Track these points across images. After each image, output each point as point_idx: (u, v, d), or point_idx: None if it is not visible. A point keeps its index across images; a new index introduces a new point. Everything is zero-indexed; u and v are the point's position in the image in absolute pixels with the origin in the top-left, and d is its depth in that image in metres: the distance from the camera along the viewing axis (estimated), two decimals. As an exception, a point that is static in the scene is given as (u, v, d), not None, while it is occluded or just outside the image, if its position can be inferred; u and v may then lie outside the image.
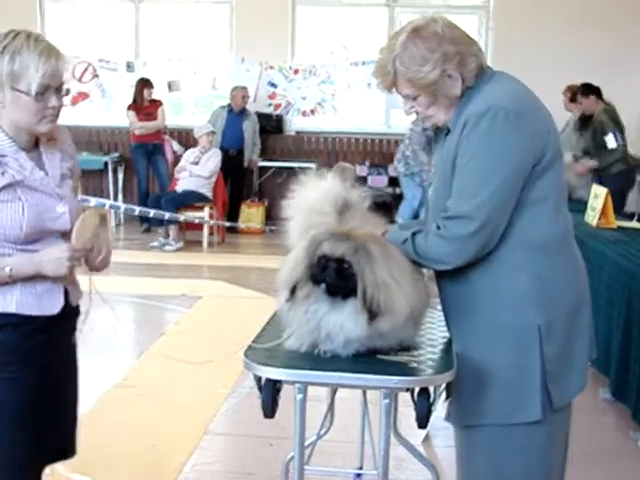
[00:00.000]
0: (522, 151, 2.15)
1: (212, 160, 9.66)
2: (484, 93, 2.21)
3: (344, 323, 2.10)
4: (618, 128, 7.96)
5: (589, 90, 8.08)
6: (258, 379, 2.18)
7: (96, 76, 11.31)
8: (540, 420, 2.23)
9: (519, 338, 2.23)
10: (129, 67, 11.27)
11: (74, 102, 11.33)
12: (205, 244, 9.64)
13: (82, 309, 2.79)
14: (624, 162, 8.18)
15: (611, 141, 7.81)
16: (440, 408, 3.34)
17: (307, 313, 2.14)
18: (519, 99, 2.21)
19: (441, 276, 2.36)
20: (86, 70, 11.29)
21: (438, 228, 2.18)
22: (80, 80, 11.29)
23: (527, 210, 2.20)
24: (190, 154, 9.80)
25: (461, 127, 2.18)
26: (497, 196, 2.13)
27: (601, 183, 6.58)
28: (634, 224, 6.30)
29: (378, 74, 2.31)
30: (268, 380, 2.14)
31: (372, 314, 2.08)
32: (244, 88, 10.55)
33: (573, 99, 8.33)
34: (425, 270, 3.74)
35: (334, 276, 2.09)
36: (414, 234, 2.23)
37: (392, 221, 2.57)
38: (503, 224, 2.17)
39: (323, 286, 2.10)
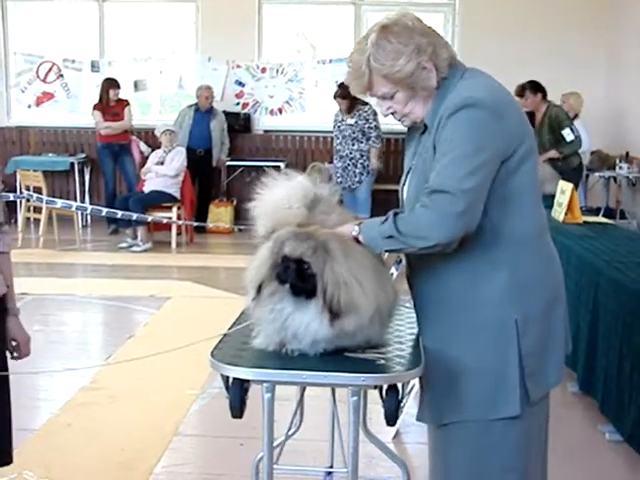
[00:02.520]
0: (496, 141, 2.13)
1: (177, 158, 9.62)
2: (458, 89, 2.20)
3: (309, 323, 2.10)
4: (571, 122, 8.15)
5: (538, 88, 8.14)
6: (226, 379, 2.17)
7: (61, 76, 11.21)
8: (518, 415, 2.23)
9: (497, 334, 2.22)
10: (94, 67, 11.18)
11: (39, 102, 11.24)
12: (174, 244, 9.58)
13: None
14: (579, 156, 8.33)
15: (569, 134, 7.96)
16: (410, 404, 3.35)
17: (273, 312, 2.13)
18: (493, 93, 2.20)
19: (415, 273, 2.35)
20: (50, 70, 11.19)
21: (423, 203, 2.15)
22: (44, 80, 11.19)
23: (505, 205, 2.19)
24: (155, 156, 9.79)
25: (437, 122, 2.18)
26: (477, 177, 2.09)
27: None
28: (600, 219, 6.37)
29: (352, 77, 2.28)
30: (235, 380, 2.13)
31: (333, 313, 2.07)
32: (208, 88, 10.49)
33: (520, 94, 8.33)
34: (394, 269, 3.72)
35: (294, 277, 2.08)
36: (396, 213, 2.18)
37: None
38: (481, 207, 2.13)
39: (287, 286, 2.09)
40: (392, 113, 2.30)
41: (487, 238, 2.19)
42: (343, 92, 9.56)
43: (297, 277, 2.08)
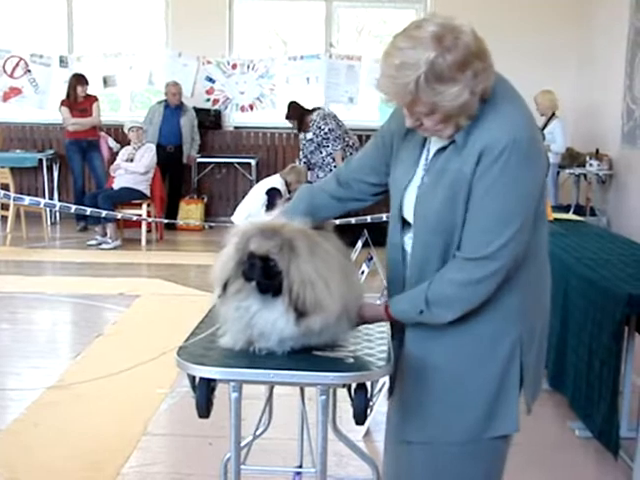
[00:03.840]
0: (542, 177, 2.06)
1: (146, 155, 9.55)
2: (500, 116, 2.02)
3: (276, 321, 2.06)
4: None
5: None
6: (192, 378, 2.13)
7: (28, 71, 11.03)
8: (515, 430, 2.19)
9: (502, 351, 2.14)
10: (62, 62, 11.03)
11: (6, 98, 11.07)
12: (143, 242, 9.51)
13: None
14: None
15: None
16: (380, 403, 3.32)
17: (239, 310, 2.09)
18: (531, 120, 2.08)
19: (415, 281, 2.21)
20: (17, 65, 11.02)
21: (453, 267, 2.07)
22: (11, 75, 11.03)
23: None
24: (124, 152, 9.71)
25: (477, 154, 1.99)
26: (520, 235, 2.03)
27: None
28: (570, 216, 6.39)
29: (393, 90, 1.99)
30: (202, 379, 2.09)
31: (299, 312, 2.04)
32: (175, 84, 10.42)
33: None
34: (365, 266, 3.68)
35: (260, 274, 2.04)
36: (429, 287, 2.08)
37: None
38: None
39: (254, 283, 2.06)
40: (418, 125, 2.08)
41: None
42: (291, 113, 9.68)
43: (263, 275, 2.04)
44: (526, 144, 1.98)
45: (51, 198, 10.71)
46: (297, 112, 9.65)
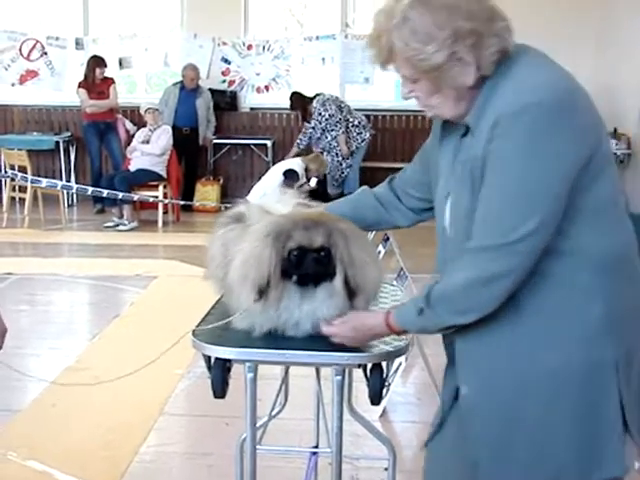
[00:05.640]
0: (571, 153, 1.72)
1: (163, 137, 9.54)
2: (514, 81, 1.74)
3: (316, 309, 2.04)
4: None
5: None
6: (208, 359, 2.14)
7: (45, 53, 11.03)
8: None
9: (593, 377, 1.80)
10: (78, 44, 11.02)
11: (22, 81, 11.08)
12: (160, 223, 9.53)
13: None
14: None
15: None
16: (397, 383, 3.32)
17: (279, 309, 2.05)
18: (560, 86, 1.75)
19: None
20: (34, 47, 11.02)
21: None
22: (28, 58, 11.04)
23: (587, 222, 1.77)
24: (140, 134, 9.72)
25: (489, 129, 1.73)
26: (552, 221, 1.72)
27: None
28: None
29: (371, 45, 1.83)
30: (217, 360, 2.10)
31: (352, 293, 2.02)
32: (194, 68, 10.36)
33: None
34: (381, 247, 3.67)
35: (314, 265, 2.01)
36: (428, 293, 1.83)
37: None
38: (542, 246, 1.73)
39: (295, 278, 2.03)
40: (415, 97, 1.87)
41: (570, 261, 1.78)
42: (293, 104, 9.92)
43: (317, 265, 2.01)
44: (550, 105, 1.69)
45: (68, 180, 10.74)
46: (300, 102, 9.89)
